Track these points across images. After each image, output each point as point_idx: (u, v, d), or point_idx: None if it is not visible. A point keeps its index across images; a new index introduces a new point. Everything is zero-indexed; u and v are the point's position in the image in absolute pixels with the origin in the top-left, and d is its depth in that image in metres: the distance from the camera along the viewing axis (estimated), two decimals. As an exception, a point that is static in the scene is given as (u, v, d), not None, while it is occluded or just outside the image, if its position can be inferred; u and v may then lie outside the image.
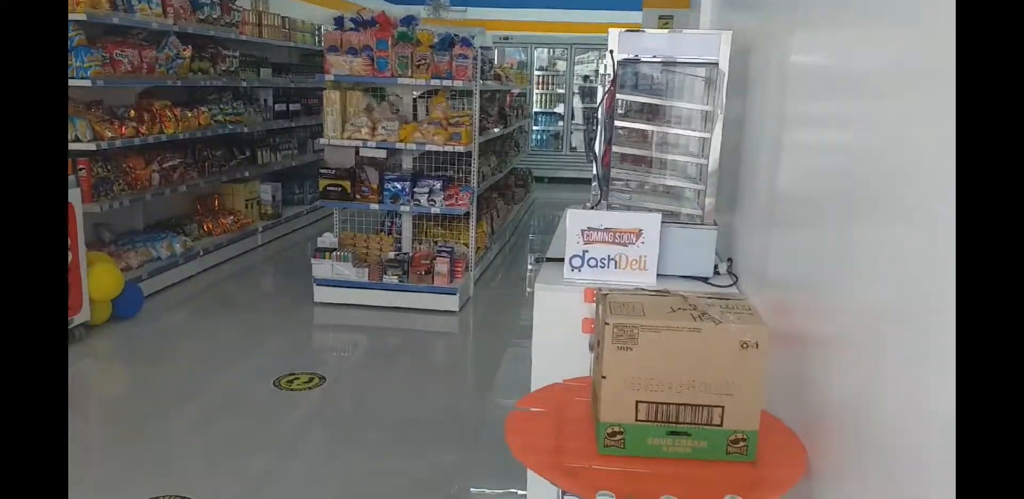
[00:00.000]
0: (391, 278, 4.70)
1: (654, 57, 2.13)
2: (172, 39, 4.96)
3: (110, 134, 4.46)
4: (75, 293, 3.95)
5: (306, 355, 4.09)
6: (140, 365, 3.90)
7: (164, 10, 4.90)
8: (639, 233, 2.15)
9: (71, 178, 3.98)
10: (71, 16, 4.12)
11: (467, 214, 4.87)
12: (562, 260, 2.25)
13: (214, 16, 5.48)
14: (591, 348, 2.07)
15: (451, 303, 4.72)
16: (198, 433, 3.13)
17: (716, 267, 2.28)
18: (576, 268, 2.20)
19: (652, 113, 2.48)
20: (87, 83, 4.20)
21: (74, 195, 3.93)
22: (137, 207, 5.18)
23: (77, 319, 3.99)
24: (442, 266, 4.68)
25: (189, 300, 4.96)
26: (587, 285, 2.16)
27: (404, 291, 4.72)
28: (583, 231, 2.18)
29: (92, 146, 4.32)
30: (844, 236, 1.29)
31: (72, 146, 4.30)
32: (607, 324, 1.34)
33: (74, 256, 3.93)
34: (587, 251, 2.19)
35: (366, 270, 4.71)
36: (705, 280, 2.22)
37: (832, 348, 1.34)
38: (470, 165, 4.95)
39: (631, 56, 2.12)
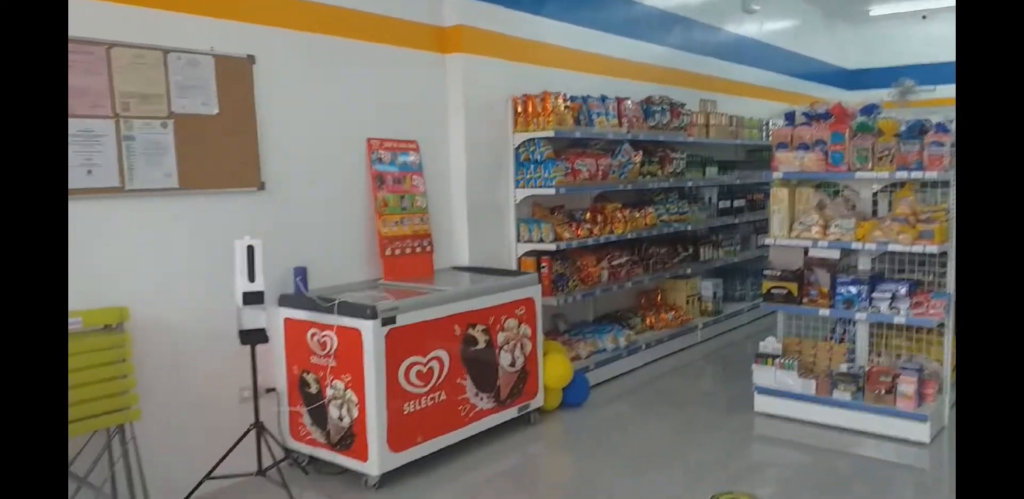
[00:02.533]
0: (842, 394, 4.13)
1: None
2: (625, 147, 5.32)
3: (568, 235, 4.88)
4: (532, 380, 4.29)
5: (744, 471, 3.76)
6: (582, 455, 4.01)
7: (619, 121, 5.31)
8: None
9: (533, 275, 4.40)
10: (542, 133, 4.69)
11: (941, 325, 4.09)
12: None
13: (664, 122, 5.76)
14: None
15: (920, 432, 3.93)
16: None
17: None
18: None
19: None
20: (552, 191, 4.68)
21: (535, 290, 4.34)
22: (588, 301, 5.55)
23: (532, 404, 4.32)
24: (907, 386, 3.95)
25: (630, 393, 5.04)
26: None
27: (858, 411, 4.10)
28: None
29: (552, 246, 4.77)
30: None
31: (537, 246, 4.82)
32: None
33: (532, 345, 4.29)
34: None
35: (813, 382, 4.23)
36: None
37: None
38: (944, 266, 4.19)
39: None
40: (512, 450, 4.01)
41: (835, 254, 4.29)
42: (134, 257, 3.21)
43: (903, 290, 4.07)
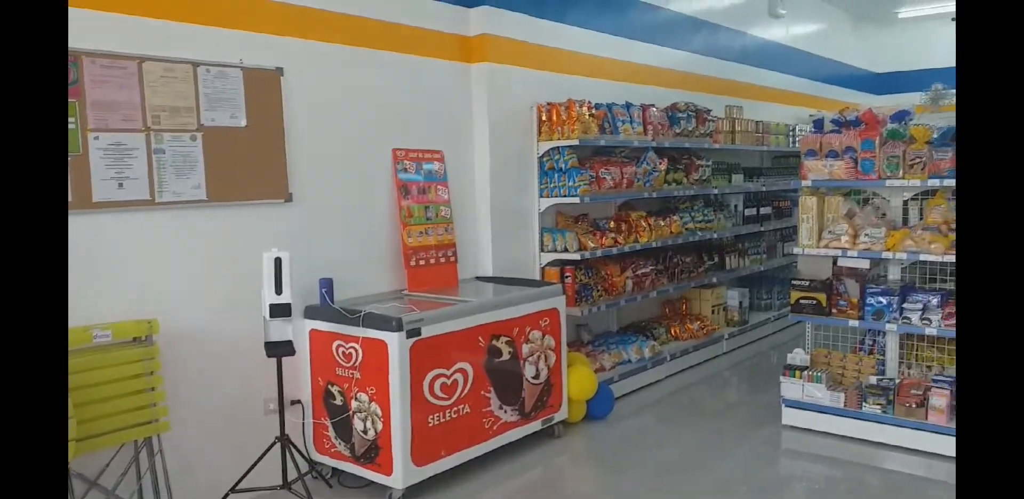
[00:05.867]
0: (872, 407, 4.06)
1: None
2: (650, 154, 5.28)
3: (592, 244, 4.85)
4: (556, 392, 4.27)
5: (771, 484, 3.70)
6: (607, 468, 3.98)
7: (644, 128, 5.28)
8: None
9: (558, 286, 4.38)
10: (567, 142, 4.67)
11: (974, 336, 4.00)
12: None
13: (689, 128, 5.72)
14: None
15: (952, 447, 3.85)
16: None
17: None
18: None
19: None
20: (576, 200, 4.66)
21: (560, 301, 4.32)
22: (612, 311, 5.51)
23: (557, 417, 4.30)
24: (939, 399, 3.88)
25: (655, 405, 4.99)
26: None
27: (889, 424, 4.03)
28: None
29: (577, 256, 4.74)
30: None
31: (561, 256, 4.80)
32: None
33: (557, 357, 4.27)
34: None
35: (842, 395, 4.16)
36: None
37: None
38: (978, 277, 4.10)
39: None
40: (536, 463, 3.99)
41: (864, 264, 4.23)
42: (163, 269, 3.25)
43: (935, 301, 4.00)
